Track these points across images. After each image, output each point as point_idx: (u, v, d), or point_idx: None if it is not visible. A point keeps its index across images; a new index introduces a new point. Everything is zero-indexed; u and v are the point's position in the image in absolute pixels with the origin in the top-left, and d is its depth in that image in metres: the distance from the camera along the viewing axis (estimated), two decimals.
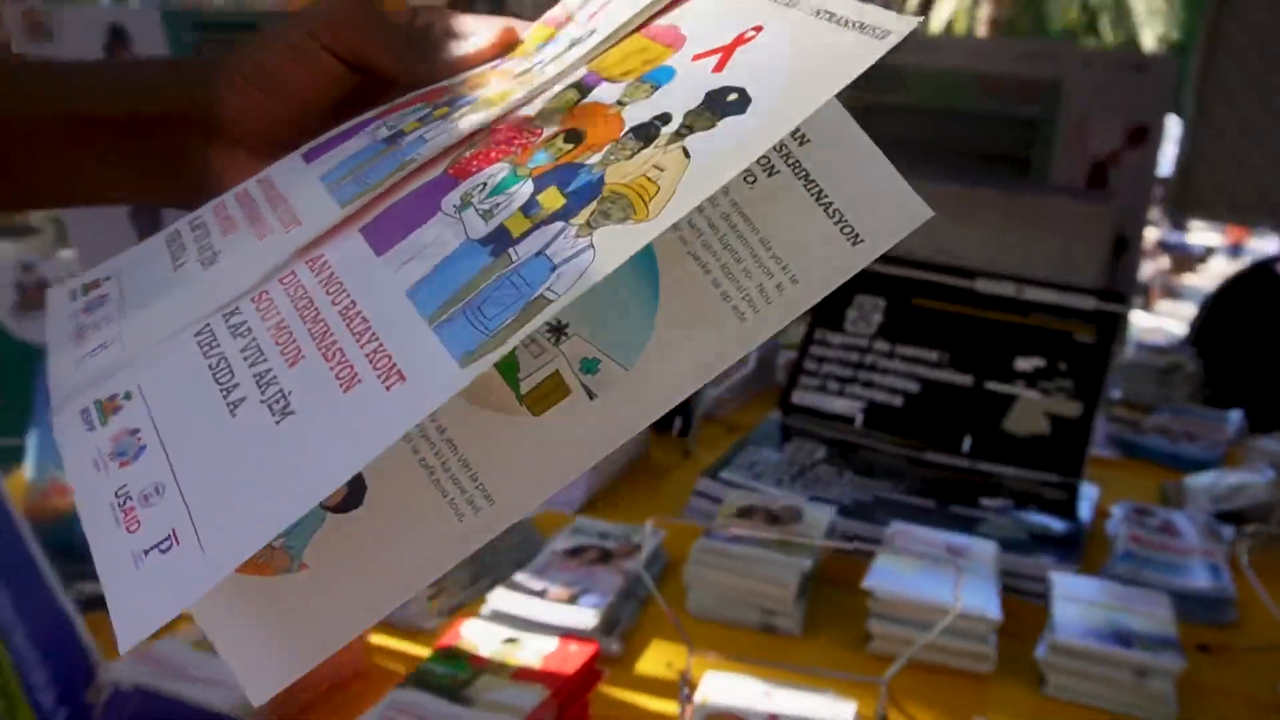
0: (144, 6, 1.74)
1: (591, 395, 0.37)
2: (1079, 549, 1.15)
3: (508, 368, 0.37)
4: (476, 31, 0.46)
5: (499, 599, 0.97)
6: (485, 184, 0.37)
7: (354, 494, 0.37)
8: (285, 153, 0.45)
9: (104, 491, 0.34)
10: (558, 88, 0.41)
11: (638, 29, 0.41)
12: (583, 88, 0.40)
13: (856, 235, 0.37)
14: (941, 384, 1.45)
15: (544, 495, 0.37)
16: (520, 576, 1.01)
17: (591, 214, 0.34)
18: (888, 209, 0.38)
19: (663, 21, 0.41)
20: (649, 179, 0.34)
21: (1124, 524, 1.21)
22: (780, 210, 0.38)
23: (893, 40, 0.32)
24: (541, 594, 0.98)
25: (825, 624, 1.01)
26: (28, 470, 1.08)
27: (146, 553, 0.32)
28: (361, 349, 0.34)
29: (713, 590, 1.01)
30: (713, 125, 0.34)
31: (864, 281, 1.55)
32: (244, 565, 0.32)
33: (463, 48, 0.46)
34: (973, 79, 3.18)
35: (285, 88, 0.45)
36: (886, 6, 0.35)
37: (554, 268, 0.33)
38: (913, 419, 1.43)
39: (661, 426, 1.42)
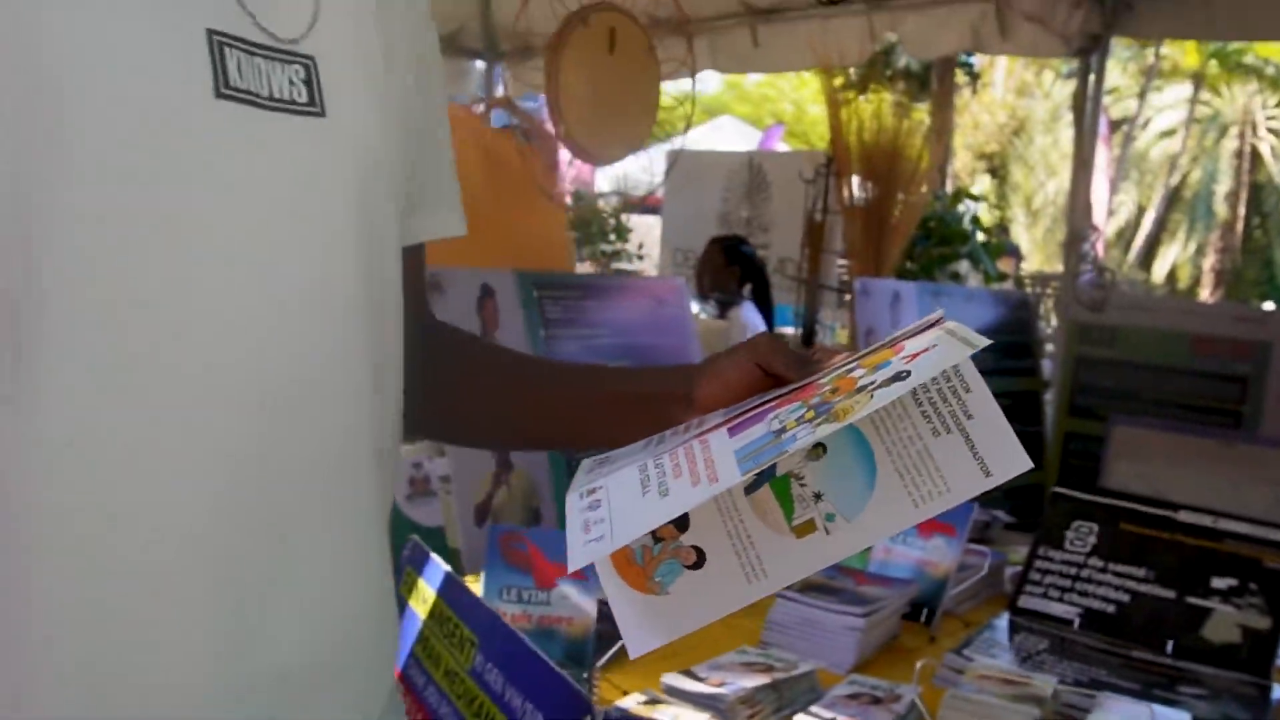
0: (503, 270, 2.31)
1: (828, 533, 0.71)
2: None
3: (788, 509, 0.73)
4: (832, 359, 0.83)
5: None
6: (788, 410, 0.74)
7: (700, 560, 0.74)
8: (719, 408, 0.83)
9: (579, 515, 0.73)
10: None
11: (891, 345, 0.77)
12: (852, 369, 0.75)
13: (988, 471, 0.66)
14: (1148, 595, 1.75)
15: (792, 580, 0.72)
16: (815, 708, 1.38)
17: (820, 420, 0.68)
18: (1010, 457, 0.65)
19: (903, 341, 0.75)
20: (849, 407, 0.68)
21: None
22: (943, 444, 0.68)
23: (979, 347, 0.65)
24: None
25: None
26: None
27: (590, 540, 0.69)
28: (704, 467, 0.72)
29: None
30: (888, 385, 0.67)
31: (1081, 509, 1.88)
32: (640, 587, 0.70)
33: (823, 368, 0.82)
34: (1185, 338, 3.47)
35: (731, 384, 0.81)
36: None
37: (795, 440, 0.68)
38: (1123, 624, 1.72)
39: (911, 616, 1.76)
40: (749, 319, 4.05)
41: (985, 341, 0.64)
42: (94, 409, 0.59)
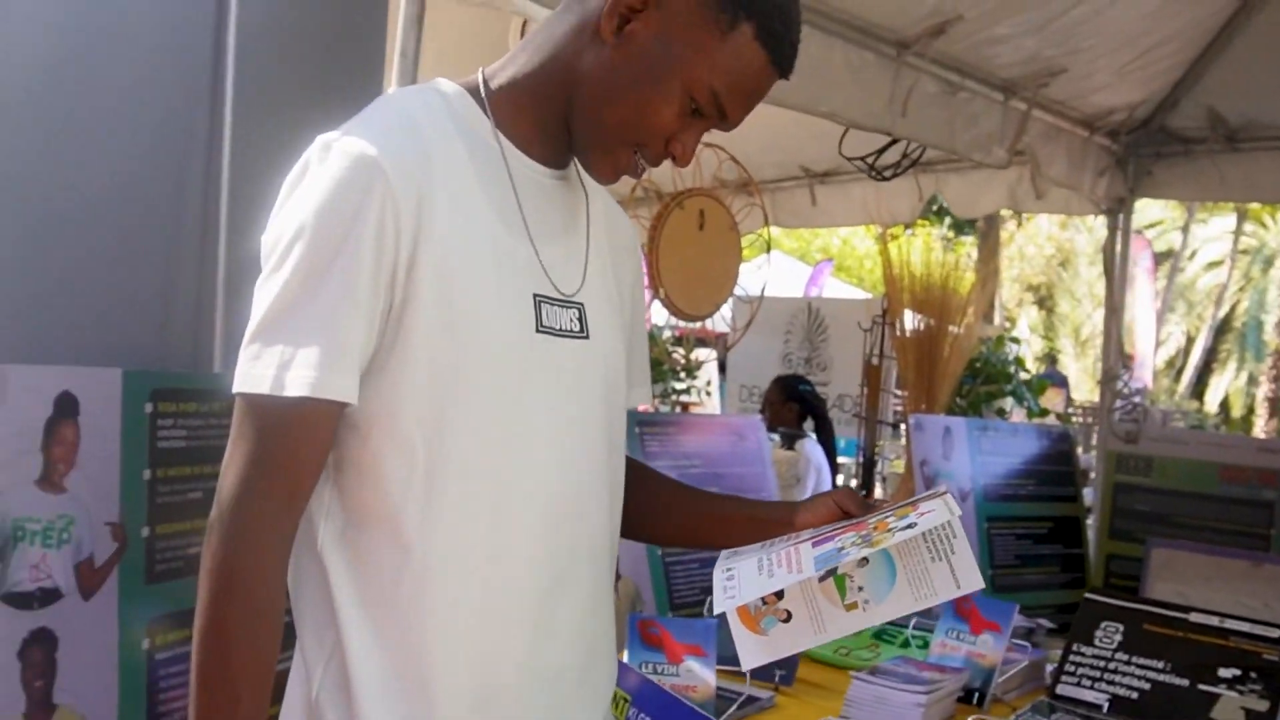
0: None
1: (864, 610, 1.16)
2: None
3: (842, 593, 1.18)
4: (880, 506, 1.26)
5: None
6: (848, 537, 1.18)
7: (788, 617, 1.18)
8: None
9: (721, 582, 1.17)
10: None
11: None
12: (887, 516, 1.22)
13: (959, 585, 1.14)
14: (1166, 684, 2.09)
15: (841, 635, 1.16)
16: None
17: (865, 546, 1.14)
18: (973, 579, 1.12)
19: (920, 503, 1.22)
20: (881, 540, 1.14)
21: None
22: (935, 569, 1.14)
23: (958, 514, 1.13)
24: None
25: None
26: None
27: (727, 598, 1.15)
28: (796, 564, 1.15)
29: None
30: (904, 530, 1.14)
31: (1108, 611, 2.23)
32: (752, 629, 1.13)
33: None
34: (1214, 467, 3.81)
35: (820, 517, 1.26)
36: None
37: (849, 555, 1.13)
38: (1145, 708, 2.06)
39: (964, 700, 2.11)
40: (812, 452, 4.44)
41: (960, 511, 1.17)
42: (472, 528, 1.04)
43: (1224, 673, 2.07)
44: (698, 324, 3.40)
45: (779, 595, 1.18)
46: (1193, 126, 3.78)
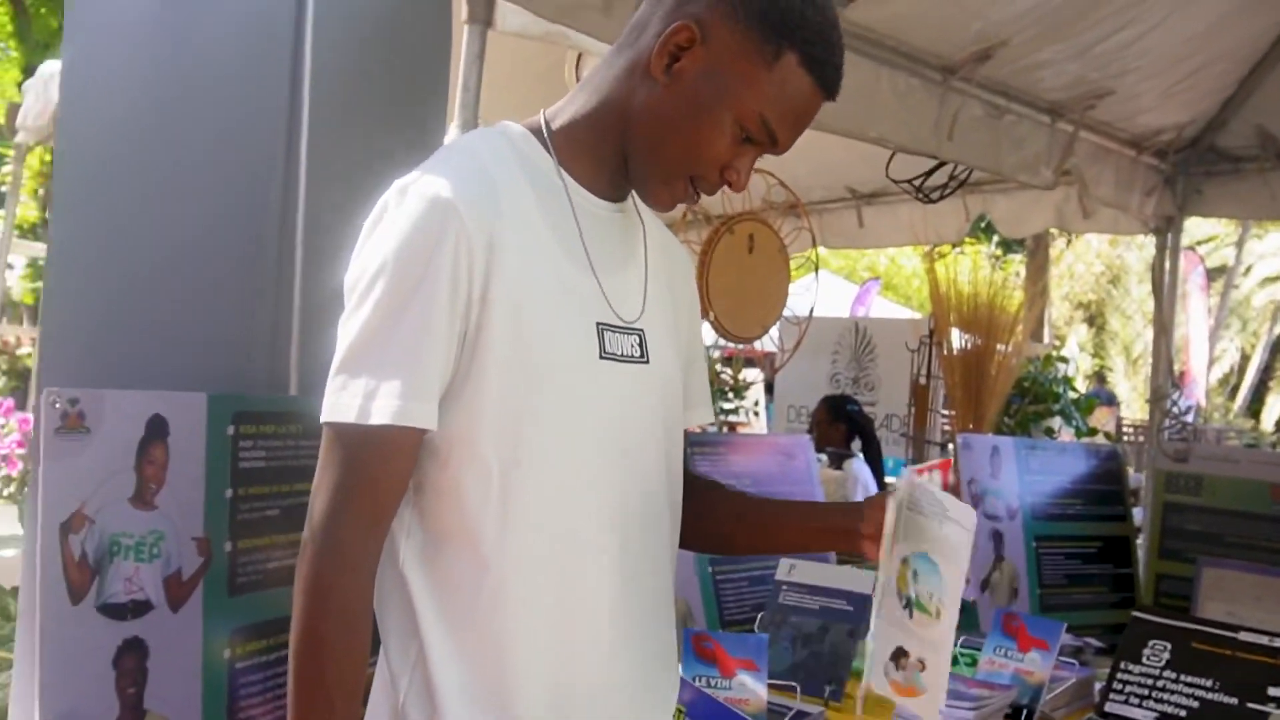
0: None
1: (944, 606, 1.24)
2: None
3: (925, 610, 1.23)
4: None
5: None
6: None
7: (924, 666, 1.22)
8: None
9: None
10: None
11: None
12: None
13: (968, 527, 1.23)
14: (1215, 702, 2.11)
15: (950, 649, 1.23)
16: None
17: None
18: (967, 511, 1.23)
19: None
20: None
21: None
22: (947, 528, 1.24)
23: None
24: None
25: None
26: None
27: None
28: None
29: None
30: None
31: (1156, 630, 2.25)
32: (914, 695, 1.20)
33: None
34: (1265, 486, 3.79)
35: (878, 516, 1.31)
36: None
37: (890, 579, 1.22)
38: None
39: (1012, 716, 2.14)
40: (859, 471, 4.48)
41: (912, 476, 1.32)
42: (546, 545, 1.12)
43: (1274, 691, 2.08)
44: (745, 345, 3.46)
45: (904, 652, 1.28)
46: (1242, 145, 3.79)
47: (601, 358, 1.15)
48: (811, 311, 3.60)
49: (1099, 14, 2.90)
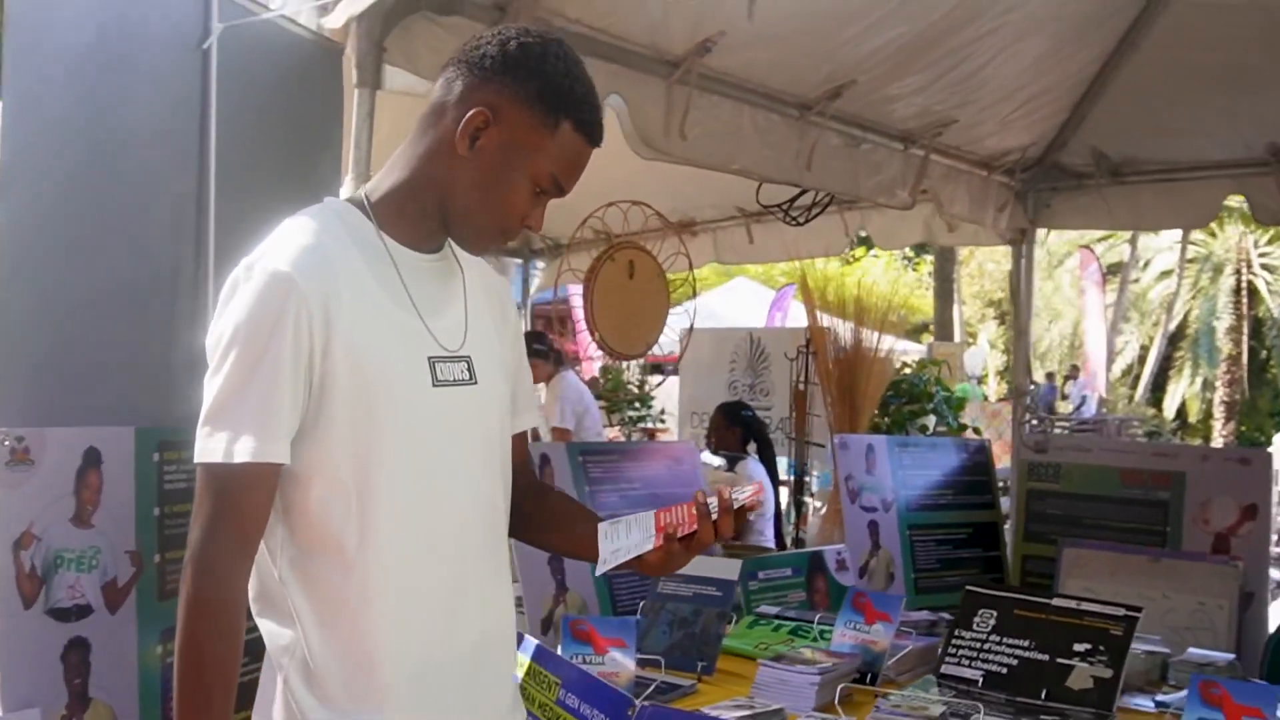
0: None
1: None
2: None
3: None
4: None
5: None
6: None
7: None
8: None
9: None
10: None
11: None
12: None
13: None
14: (1030, 660, 2.44)
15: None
16: None
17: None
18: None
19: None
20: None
21: None
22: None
23: None
24: None
25: None
26: None
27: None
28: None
29: None
30: None
31: (985, 600, 2.59)
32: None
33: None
34: (1115, 471, 4.18)
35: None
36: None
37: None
38: (1012, 681, 2.42)
39: (859, 681, 2.45)
40: (754, 471, 4.80)
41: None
42: (399, 545, 1.37)
43: (1078, 647, 2.42)
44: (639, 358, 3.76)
45: None
46: (1080, 163, 4.19)
47: (435, 385, 1.40)
48: (691, 328, 3.91)
49: (935, 54, 3.26)
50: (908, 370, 4.99)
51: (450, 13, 2.50)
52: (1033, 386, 4.13)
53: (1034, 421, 4.39)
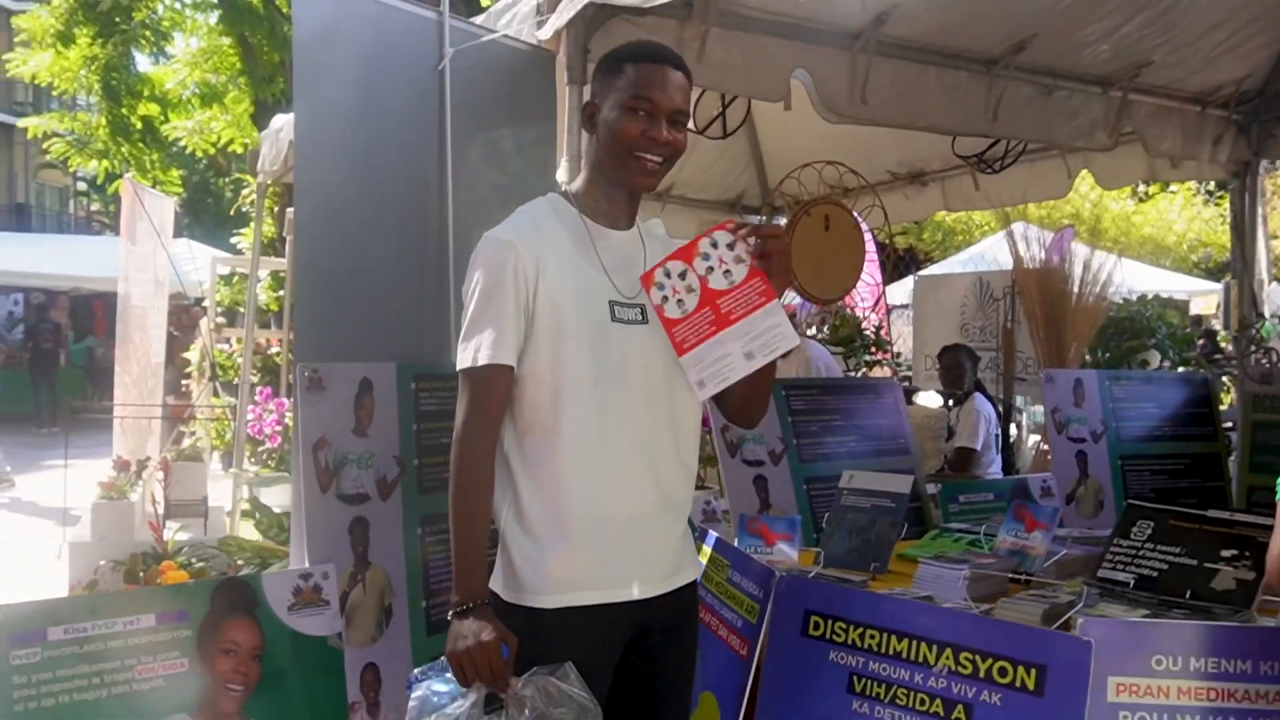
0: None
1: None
2: None
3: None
4: None
5: None
6: None
7: None
8: None
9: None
10: None
11: None
12: None
13: None
14: (1180, 564, 2.66)
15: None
16: None
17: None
18: None
19: None
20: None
21: None
22: None
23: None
24: None
25: None
26: None
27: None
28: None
29: None
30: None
31: (1145, 513, 2.81)
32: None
33: None
34: None
35: None
36: None
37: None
38: (1160, 583, 2.64)
39: (1018, 581, 2.74)
40: (981, 406, 5.02)
41: None
42: (587, 432, 1.86)
43: (1225, 553, 2.62)
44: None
45: None
46: None
47: (613, 321, 1.88)
48: (885, 282, 4.20)
49: (1110, 4, 3.41)
50: (1130, 309, 5.05)
51: (644, 14, 2.95)
52: (1259, 321, 4.13)
53: (1260, 353, 4.37)
